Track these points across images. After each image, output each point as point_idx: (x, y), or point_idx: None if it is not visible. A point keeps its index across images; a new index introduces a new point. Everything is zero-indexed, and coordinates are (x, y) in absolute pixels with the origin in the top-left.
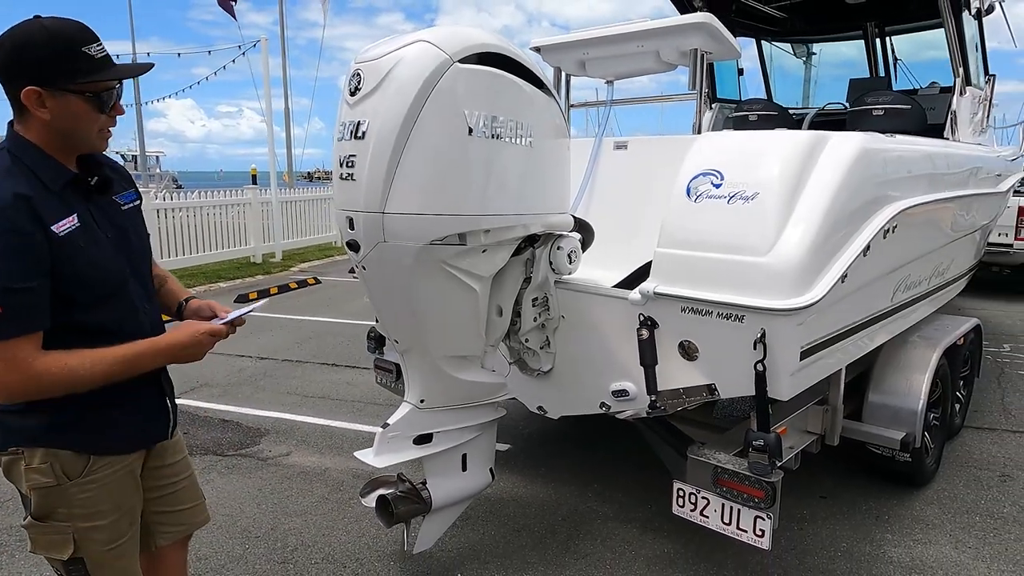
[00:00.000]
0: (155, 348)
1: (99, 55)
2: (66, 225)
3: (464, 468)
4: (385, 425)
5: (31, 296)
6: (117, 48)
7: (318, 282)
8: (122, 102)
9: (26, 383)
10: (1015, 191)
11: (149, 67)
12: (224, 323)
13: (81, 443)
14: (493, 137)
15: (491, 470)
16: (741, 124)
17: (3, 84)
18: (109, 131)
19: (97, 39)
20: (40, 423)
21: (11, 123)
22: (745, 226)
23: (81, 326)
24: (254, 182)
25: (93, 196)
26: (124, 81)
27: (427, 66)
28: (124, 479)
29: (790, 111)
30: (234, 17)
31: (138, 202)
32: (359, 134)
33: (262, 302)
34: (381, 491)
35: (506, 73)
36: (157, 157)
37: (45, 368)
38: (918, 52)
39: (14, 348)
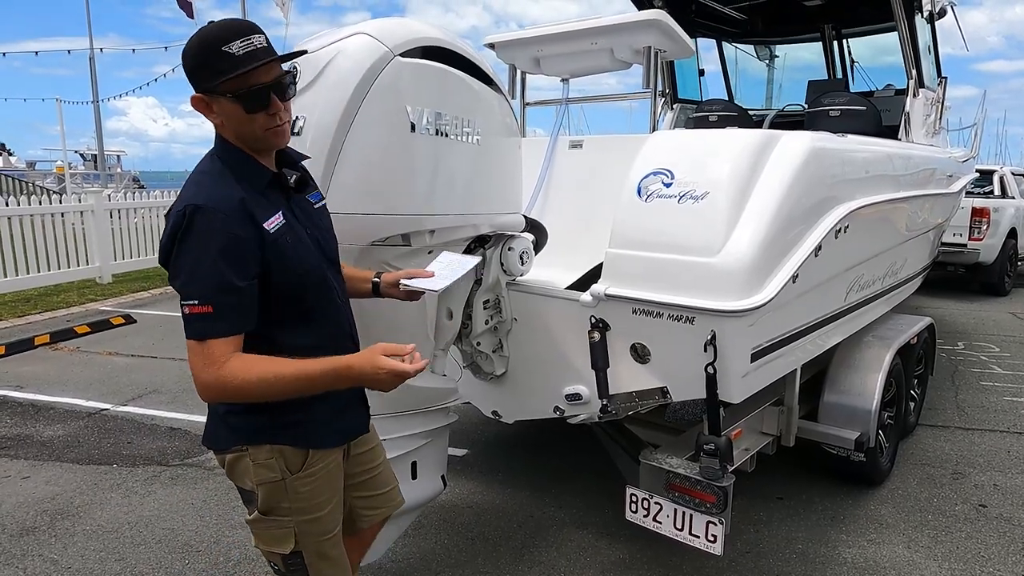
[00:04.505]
0: (336, 372)
1: (241, 51)
2: (275, 222)
3: (414, 476)
4: None
5: (240, 297)
6: (74, 44)
7: None
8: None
9: (216, 383)
10: (968, 192)
11: (299, 54)
12: (415, 363)
13: (301, 439)
14: (438, 134)
15: (443, 477)
16: (701, 124)
17: None
18: (282, 126)
19: (245, 34)
20: (264, 422)
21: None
22: (695, 226)
23: (289, 318)
24: None
25: (291, 194)
26: (288, 72)
27: (367, 59)
28: (334, 471)
29: (750, 112)
30: (191, 16)
31: (324, 201)
32: (295, 130)
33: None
34: None
35: (451, 68)
36: (118, 156)
37: (231, 374)
38: (875, 56)
39: (213, 347)
